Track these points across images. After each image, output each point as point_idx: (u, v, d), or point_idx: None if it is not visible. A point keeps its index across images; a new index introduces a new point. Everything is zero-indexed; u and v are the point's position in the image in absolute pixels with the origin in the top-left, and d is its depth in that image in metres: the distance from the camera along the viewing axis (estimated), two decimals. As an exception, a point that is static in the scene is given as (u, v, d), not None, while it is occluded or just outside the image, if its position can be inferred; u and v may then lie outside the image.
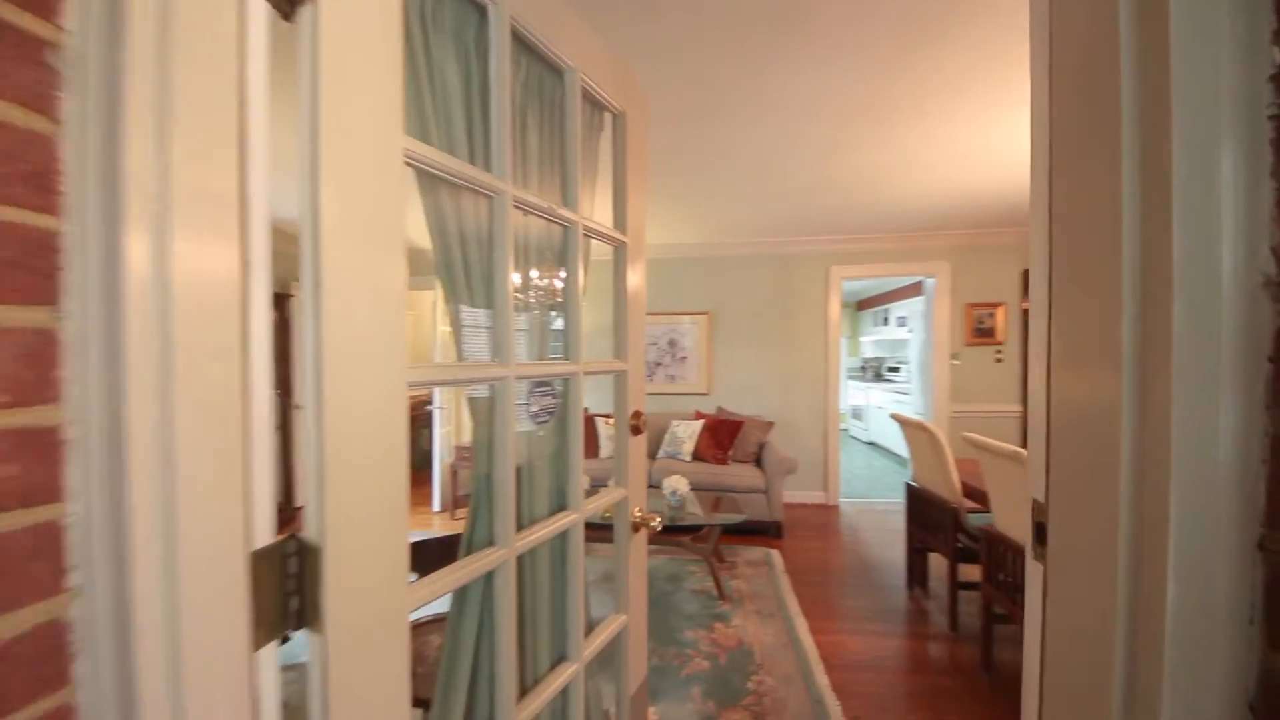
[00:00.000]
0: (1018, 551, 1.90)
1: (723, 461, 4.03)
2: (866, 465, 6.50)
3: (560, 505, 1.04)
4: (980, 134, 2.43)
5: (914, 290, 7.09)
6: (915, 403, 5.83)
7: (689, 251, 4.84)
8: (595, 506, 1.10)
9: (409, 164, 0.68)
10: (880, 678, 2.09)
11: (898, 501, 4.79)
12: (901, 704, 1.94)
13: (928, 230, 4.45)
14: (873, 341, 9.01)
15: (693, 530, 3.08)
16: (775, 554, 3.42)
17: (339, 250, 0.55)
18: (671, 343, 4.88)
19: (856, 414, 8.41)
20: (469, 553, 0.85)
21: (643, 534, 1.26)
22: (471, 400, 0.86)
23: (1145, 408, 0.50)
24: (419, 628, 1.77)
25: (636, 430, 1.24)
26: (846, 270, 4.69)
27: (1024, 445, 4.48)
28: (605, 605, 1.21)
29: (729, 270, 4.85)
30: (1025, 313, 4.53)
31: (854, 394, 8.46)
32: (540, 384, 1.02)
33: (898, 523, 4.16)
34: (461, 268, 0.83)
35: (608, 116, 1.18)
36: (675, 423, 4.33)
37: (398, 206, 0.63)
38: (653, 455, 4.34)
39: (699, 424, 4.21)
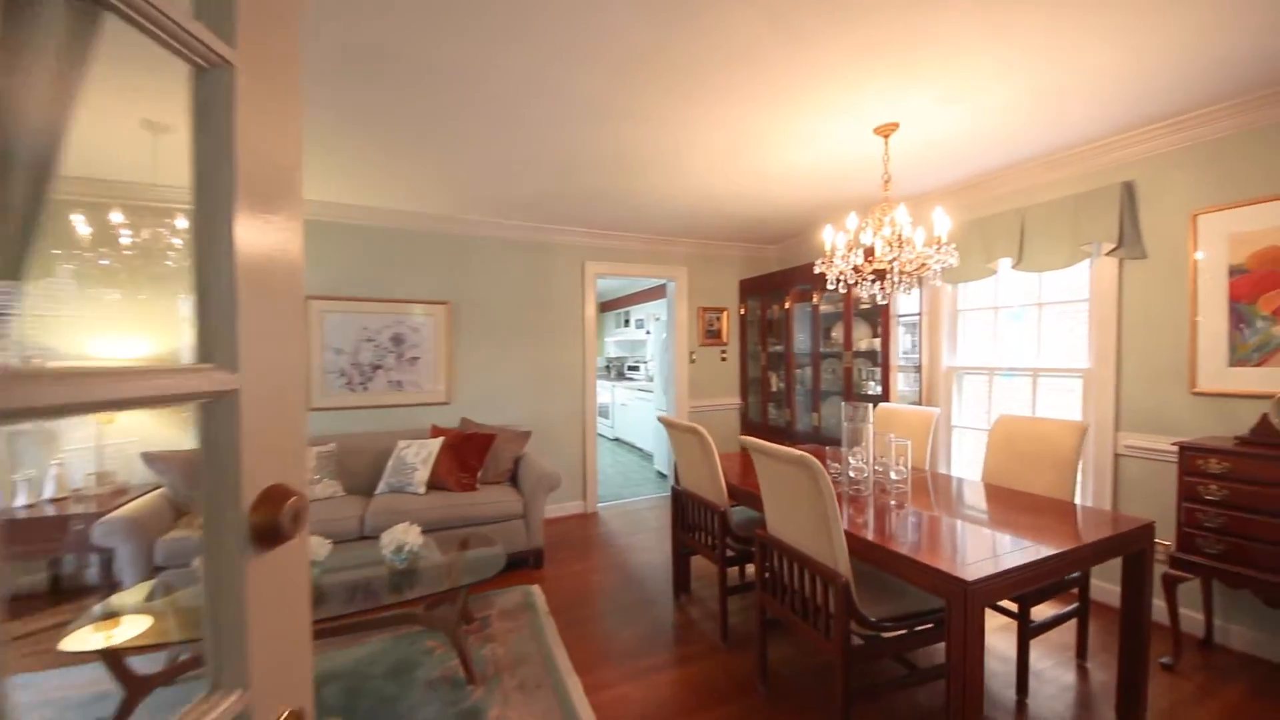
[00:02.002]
0: (793, 556, 1.84)
1: (470, 487, 3.27)
2: (614, 462, 6.61)
3: None
4: (737, 130, 2.40)
5: (653, 294, 7.61)
6: (658, 399, 6.18)
7: (423, 224, 3.85)
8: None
9: None
10: (671, 736, 1.78)
11: (649, 498, 4.88)
12: (696, 761, 1.66)
13: (673, 235, 4.64)
14: (615, 341, 9.43)
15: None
16: (536, 590, 2.89)
17: None
18: (397, 339, 3.80)
19: (603, 412, 8.63)
20: None
21: (295, 784, 0.53)
22: None
23: None
24: None
25: (276, 535, 0.51)
26: (600, 267, 4.51)
27: (745, 432, 5.13)
28: None
29: (475, 253, 4.08)
30: (743, 318, 5.20)
31: (600, 392, 8.66)
32: None
33: (653, 520, 4.17)
34: None
35: None
36: (403, 444, 3.34)
37: None
38: (369, 493, 3.25)
39: (438, 443, 3.34)
